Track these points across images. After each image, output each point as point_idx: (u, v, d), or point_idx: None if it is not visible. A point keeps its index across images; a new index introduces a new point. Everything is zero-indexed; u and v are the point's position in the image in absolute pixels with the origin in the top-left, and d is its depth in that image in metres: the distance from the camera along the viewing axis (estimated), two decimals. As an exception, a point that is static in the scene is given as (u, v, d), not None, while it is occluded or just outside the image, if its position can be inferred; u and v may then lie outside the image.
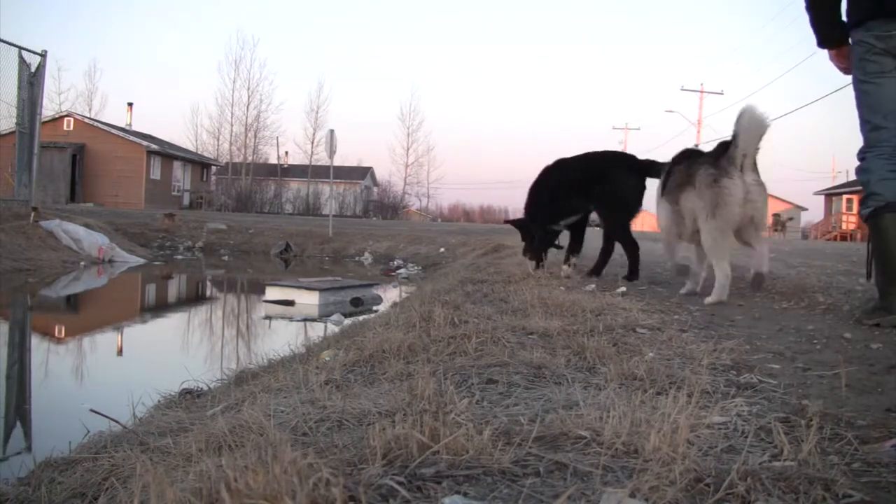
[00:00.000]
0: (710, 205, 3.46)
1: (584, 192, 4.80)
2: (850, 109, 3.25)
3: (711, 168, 3.49)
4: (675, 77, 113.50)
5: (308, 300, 7.34)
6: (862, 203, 3.01)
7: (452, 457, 1.17)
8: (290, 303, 7.37)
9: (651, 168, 4.70)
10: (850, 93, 3.11)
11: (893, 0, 2.88)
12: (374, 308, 7.48)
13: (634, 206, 4.78)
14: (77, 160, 31.97)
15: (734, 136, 3.43)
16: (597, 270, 4.86)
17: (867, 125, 3.02)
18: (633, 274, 4.66)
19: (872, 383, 1.82)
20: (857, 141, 3.13)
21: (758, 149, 3.47)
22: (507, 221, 6.11)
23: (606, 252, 4.93)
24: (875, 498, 1.05)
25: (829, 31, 3.14)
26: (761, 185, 3.48)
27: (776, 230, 35.09)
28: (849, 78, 3.13)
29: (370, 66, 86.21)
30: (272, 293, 7.64)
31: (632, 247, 4.71)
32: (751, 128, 3.41)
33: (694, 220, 3.65)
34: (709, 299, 3.55)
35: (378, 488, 1.04)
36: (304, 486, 0.96)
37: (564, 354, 2.12)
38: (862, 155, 3.04)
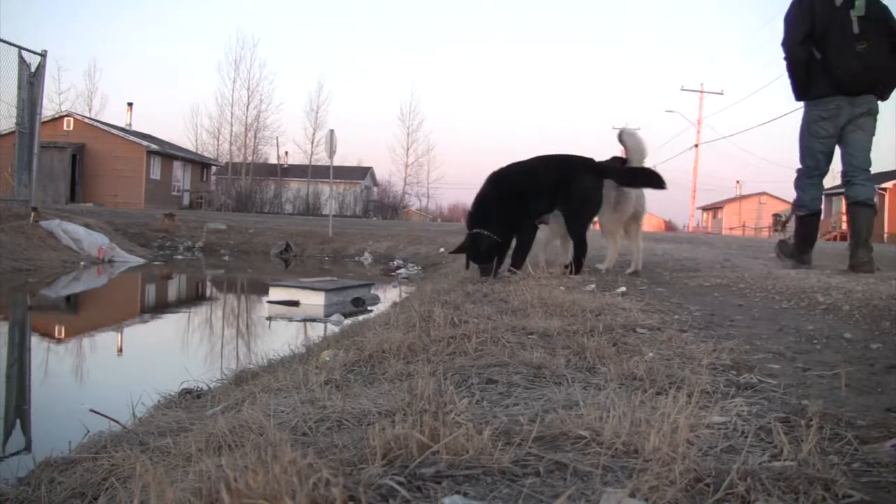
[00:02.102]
0: (614, 202, 4.87)
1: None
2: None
3: None
4: (675, 77, 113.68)
5: (314, 301, 7.34)
6: (794, 206, 5.03)
7: (452, 457, 1.17)
8: (294, 303, 7.37)
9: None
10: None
11: (840, 84, 4.57)
12: (370, 308, 7.49)
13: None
14: (77, 160, 31.97)
15: (629, 158, 4.89)
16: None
17: (805, 162, 4.87)
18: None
19: (872, 383, 1.82)
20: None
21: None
22: None
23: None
24: (875, 498, 1.05)
25: (804, 91, 4.84)
26: (642, 191, 5.07)
27: (776, 230, 35.08)
28: None
29: (370, 66, 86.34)
30: (276, 293, 7.62)
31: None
32: (640, 150, 4.90)
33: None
34: (602, 266, 5.06)
35: (378, 488, 1.04)
36: (303, 486, 0.96)
37: (564, 354, 2.12)
38: (800, 177, 4.92)
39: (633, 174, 4.87)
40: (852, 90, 4.58)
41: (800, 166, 4.90)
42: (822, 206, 4.88)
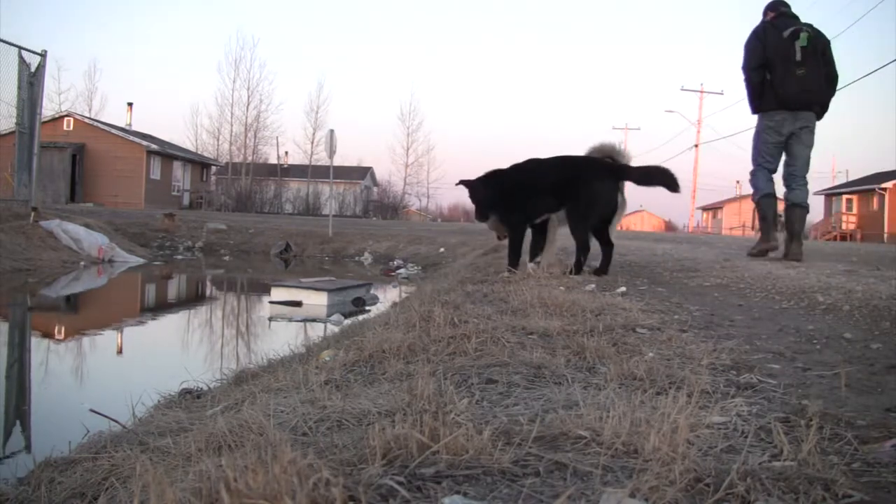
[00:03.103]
0: (620, 202, 4.87)
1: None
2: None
3: None
4: (675, 77, 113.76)
5: (316, 301, 7.35)
6: (754, 195, 6.07)
7: (452, 457, 1.17)
8: (297, 303, 7.37)
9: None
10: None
11: (782, 101, 5.69)
12: (369, 308, 7.51)
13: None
14: (77, 160, 31.97)
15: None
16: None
17: (757, 161, 5.98)
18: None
19: (872, 383, 1.82)
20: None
21: None
22: None
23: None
24: (875, 498, 1.05)
25: (757, 107, 5.95)
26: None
27: (776, 230, 35.06)
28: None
29: (370, 66, 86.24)
30: (278, 294, 7.63)
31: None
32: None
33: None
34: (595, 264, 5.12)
35: (378, 488, 1.04)
36: (303, 486, 0.96)
37: (564, 354, 2.12)
38: (753, 172, 6.04)
39: (648, 174, 4.77)
40: (792, 106, 5.72)
41: (752, 167, 6.03)
42: (775, 190, 6.06)
